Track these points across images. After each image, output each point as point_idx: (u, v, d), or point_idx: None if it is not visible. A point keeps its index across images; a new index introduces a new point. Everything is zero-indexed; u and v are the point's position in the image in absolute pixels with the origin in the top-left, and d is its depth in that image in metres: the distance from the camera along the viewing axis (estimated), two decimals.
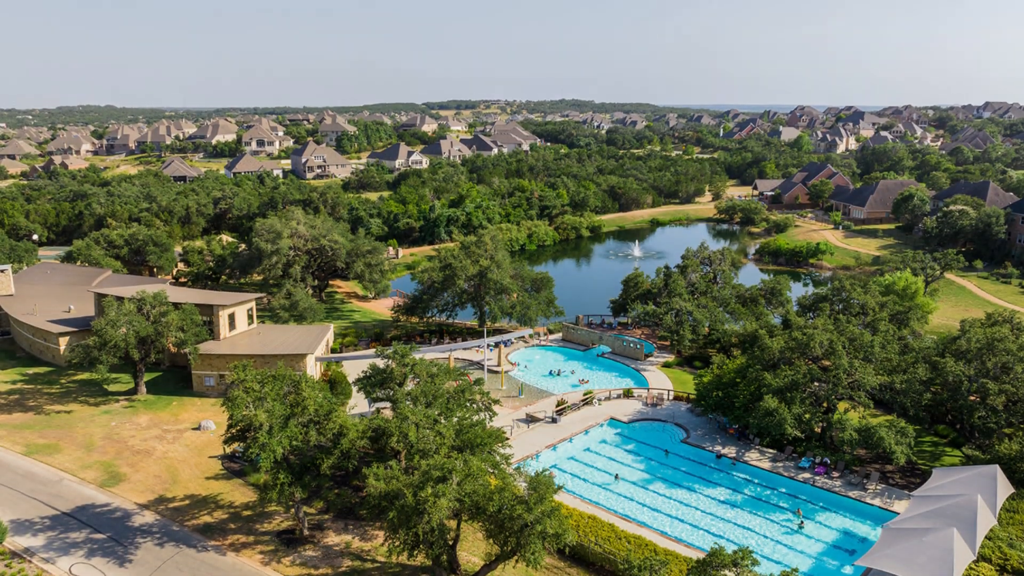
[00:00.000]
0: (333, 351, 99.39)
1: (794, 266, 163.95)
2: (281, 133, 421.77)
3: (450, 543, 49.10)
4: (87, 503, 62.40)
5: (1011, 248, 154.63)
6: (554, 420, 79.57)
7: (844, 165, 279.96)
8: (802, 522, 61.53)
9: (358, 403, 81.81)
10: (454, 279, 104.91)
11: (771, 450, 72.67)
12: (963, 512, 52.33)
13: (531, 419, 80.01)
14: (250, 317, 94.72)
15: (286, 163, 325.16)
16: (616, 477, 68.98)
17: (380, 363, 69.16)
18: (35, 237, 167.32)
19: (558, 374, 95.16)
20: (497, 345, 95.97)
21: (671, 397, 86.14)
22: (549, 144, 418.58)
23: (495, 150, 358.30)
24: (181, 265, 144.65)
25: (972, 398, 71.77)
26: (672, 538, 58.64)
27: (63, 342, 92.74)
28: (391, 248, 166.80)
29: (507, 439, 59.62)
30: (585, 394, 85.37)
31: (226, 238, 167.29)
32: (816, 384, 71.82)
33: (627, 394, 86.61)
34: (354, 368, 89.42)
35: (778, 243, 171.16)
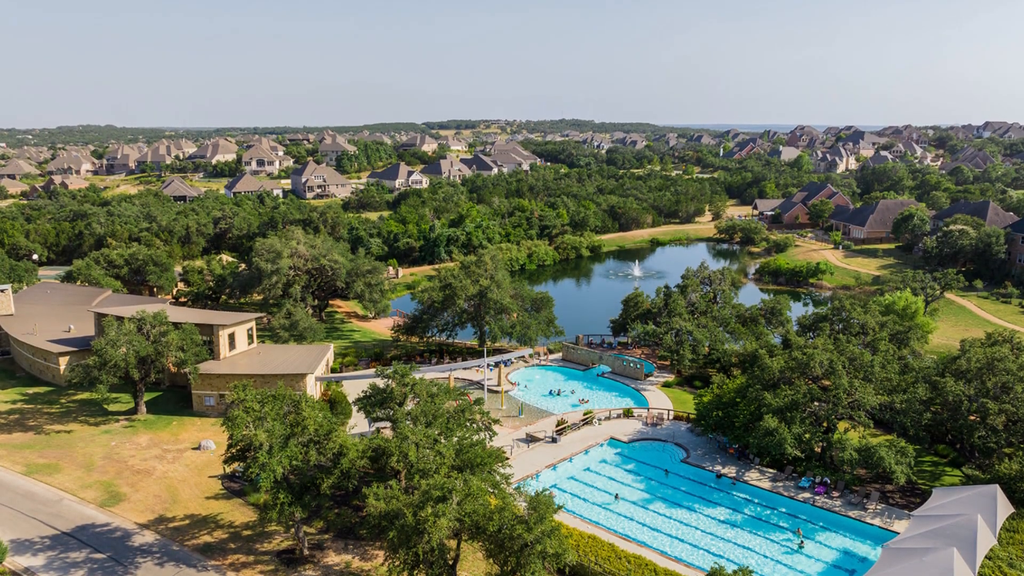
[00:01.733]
0: (333, 371, 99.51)
1: (794, 286, 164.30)
2: (281, 153, 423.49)
3: (450, 563, 49.02)
4: (87, 523, 62.33)
5: (1011, 268, 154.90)
6: (554, 440, 79.54)
7: (844, 185, 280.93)
8: (802, 542, 61.38)
9: (358, 423, 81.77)
10: (454, 299, 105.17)
11: (771, 470, 72.62)
12: (963, 532, 52.25)
13: (531, 439, 79.97)
14: (250, 337, 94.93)
15: (286, 183, 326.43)
16: (616, 497, 68.86)
17: (380, 383, 69.35)
18: (35, 257, 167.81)
19: (558, 394, 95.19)
20: (497, 365, 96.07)
21: (671, 417, 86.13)
22: (549, 164, 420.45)
23: (495, 170, 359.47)
24: (181, 285, 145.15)
25: (972, 418, 71.76)
26: (672, 558, 58.52)
27: (63, 362, 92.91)
28: (391, 268, 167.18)
29: (507, 459, 59.64)
30: (585, 414, 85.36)
31: (226, 258, 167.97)
32: (816, 404, 71.90)
33: (627, 414, 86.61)
34: (354, 388, 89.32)
35: (778, 263, 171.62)
